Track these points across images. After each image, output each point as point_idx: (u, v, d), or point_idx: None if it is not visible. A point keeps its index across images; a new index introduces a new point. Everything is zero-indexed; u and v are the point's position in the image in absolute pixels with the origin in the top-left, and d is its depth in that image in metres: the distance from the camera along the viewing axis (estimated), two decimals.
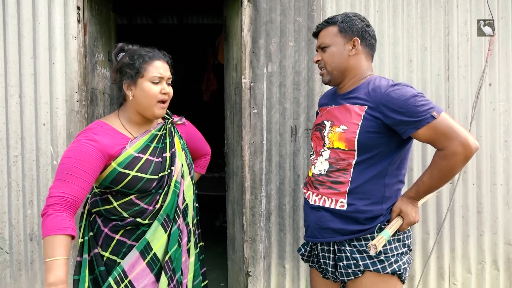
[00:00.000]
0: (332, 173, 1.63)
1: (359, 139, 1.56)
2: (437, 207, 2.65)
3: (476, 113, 2.65)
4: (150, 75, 1.59)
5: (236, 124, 2.71)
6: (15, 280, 2.37)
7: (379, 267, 1.57)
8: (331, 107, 1.72)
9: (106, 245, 1.61)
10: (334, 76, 1.69)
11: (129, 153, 1.57)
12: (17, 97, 2.35)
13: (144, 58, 1.61)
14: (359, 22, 1.66)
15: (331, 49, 1.67)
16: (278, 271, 2.56)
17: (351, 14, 1.69)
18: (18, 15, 2.34)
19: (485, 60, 2.65)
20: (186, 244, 1.72)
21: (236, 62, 2.72)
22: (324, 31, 1.69)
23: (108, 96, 2.82)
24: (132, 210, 1.59)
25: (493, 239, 2.68)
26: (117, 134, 1.60)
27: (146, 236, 1.60)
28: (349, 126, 1.59)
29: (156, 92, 1.60)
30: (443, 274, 2.67)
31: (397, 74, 2.61)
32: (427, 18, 2.63)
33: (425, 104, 1.50)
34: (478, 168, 2.66)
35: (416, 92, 1.53)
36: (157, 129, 1.70)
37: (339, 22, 1.66)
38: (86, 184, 1.47)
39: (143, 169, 1.57)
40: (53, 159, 2.37)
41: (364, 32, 1.66)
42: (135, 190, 1.57)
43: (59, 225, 1.40)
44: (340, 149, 1.60)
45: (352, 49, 1.65)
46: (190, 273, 1.74)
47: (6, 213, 2.35)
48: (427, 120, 1.48)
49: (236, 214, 2.77)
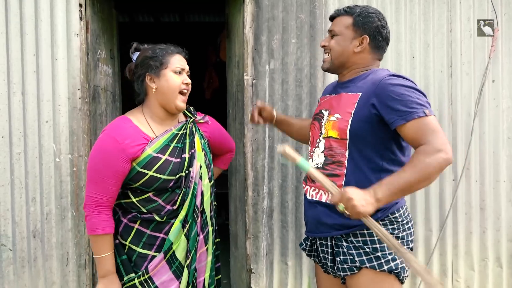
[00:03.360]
0: (328, 165, 1.61)
1: (351, 128, 1.54)
2: (440, 204, 2.65)
3: (479, 109, 2.64)
4: (173, 66, 1.67)
5: (238, 122, 2.71)
6: (19, 277, 2.38)
7: (375, 263, 1.54)
8: (330, 96, 1.72)
9: (126, 234, 1.65)
10: (334, 66, 1.68)
11: (148, 153, 1.61)
12: (19, 95, 2.35)
13: (167, 50, 1.69)
14: (375, 21, 1.62)
15: (339, 39, 1.65)
16: (281, 268, 2.56)
17: (371, 10, 1.65)
18: (20, 12, 2.34)
19: (488, 57, 2.64)
20: (204, 244, 1.74)
21: (238, 59, 2.71)
22: (339, 19, 1.67)
23: (110, 94, 2.82)
24: (150, 206, 1.63)
25: (496, 236, 2.67)
26: (138, 133, 1.63)
27: (169, 237, 1.64)
28: (342, 114, 1.58)
29: (179, 82, 1.67)
30: (446, 271, 2.66)
31: (399, 70, 2.60)
32: (430, 14, 2.62)
33: (420, 100, 1.47)
34: (481, 165, 2.66)
35: (416, 87, 1.52)
36: (178, 128, 1.71)
37: (356, 15, 1.63)
38: (113, 182, 1.57)
39: (161, 169, 1.60)
40: (55, 156, 2.38)
41: (376, 32, 1.63)
42: (152, 188, 1.61)
43: (96, 225, 1.58)
44: (332, 137, 1.59)
45: (358, 46, 1.63)
46: (207, 272, 1.76)
47: (9, 210, 2.35)
48: (418, 114, 1.43)
49: (238, 211, 2.77)
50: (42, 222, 2.38)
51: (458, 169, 2.64)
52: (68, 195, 2.39)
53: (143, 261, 1.63)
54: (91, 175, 1.59)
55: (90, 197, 1.58)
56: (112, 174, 1.56)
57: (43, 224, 2.38)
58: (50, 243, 2.39)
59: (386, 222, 1.57)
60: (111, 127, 1.64)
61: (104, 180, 1.56)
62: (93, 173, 1.58)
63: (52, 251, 2.39)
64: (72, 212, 2.40)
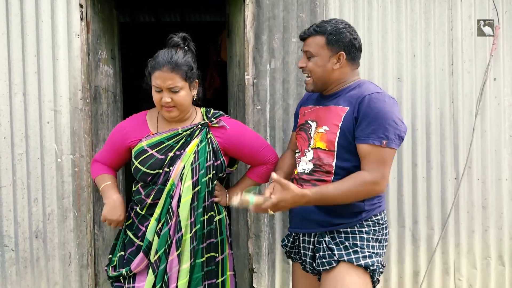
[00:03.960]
0: (316, 172, 1.67)
1: (339, 141, 1.61)
2: (441, 203, 2.64)
3: (480, 108, 2.64)
4: (153, 83, 1.70)
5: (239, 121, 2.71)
6: (21, 278, 2.39)
7: (353, 257, 1.60)
8: (316, 107, 1.75)
9: (127, 219, 1.83)
10: (318, 86, 1.71)
11: (141, 145, 1.74)
12: (21, 95, 2.35)
13: (152, 64, 1.70)
14: (347, 35, 1.65)
15: (316, 60, 1.67)
16: (283, 268, 2.56)
17: (341, 25, 1.66)
18: (21, 13, 2.34)
19: (490, 55, 2.63)
20: (176, 249, 1.70)
21: (239, 58, 2.71)
22: (311, 39, 1.68)
23: (111, 94, 2.82)
24: (137, 197, 1.78)
25: (499, 235, 2.67)
26: (144, 126, 1.79)
27: (147, 236, 1.70)
28: (330, 127, 1.63)
29: (157, 99, 1.70)
30: (448, 269, 2.66)
31: (400, 69, 2.60)
32: (431, 13, 2.61)
33: (387, 130, 1.54)
34: (483, 163, 2.65)
35: (393, 114, 1.57)
36: (185, 129, 1.75)
37: (328, 34, 1.64)
38: (110, 154, 1.86)
39: (143, 162, 1.72)
40: (57, 157, 2.38)
41: (350, 46, 1.66)
42: (137, 178, 1.77)
43: (92, 171, 1.92)
44: (320, 148, 1.64)
45: (337, 63, 1.66)
46: (182, 279, 1.70)
47: (11, 210, 2.36)
48: (374, 141, 1.54)
49: (240, 211, 2.77)
50: (44, 222, 2.39)
51: (460, 167, 2.64)
52: (70, 196, 2.39)
53: (131, 246, 1.77)
54: (106, 140, 1.91)
55: (94, 158, 1.94)
56: (111, 149, 1.85)
57: (45, 225, 2.39)
58: (52, 243, 2.39)
59: (369, 223, 1.65)
60: (131, 116, 1.88)
61: (106, 150, 1.88)
62: (107, 140, 1.91)
63: (54, 251, 2.40)
64: (74, 213, 2.40)
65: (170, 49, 1.71)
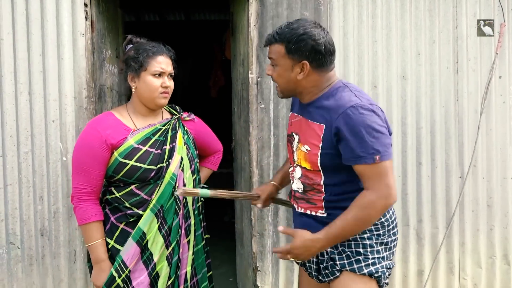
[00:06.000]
0: (307, 192, 1.63)
1: (322, 161, 1.54)
2: (446, 201, 2.63)
3: (485, 106, 2.62)
4: (152, 69, 1.68)
5: (243, 120, 2.71)
6: (27, 275, 2.41)
7: (355, 267, 1.54)
8: (298, 117, 1.66)
9: (111, 233, 1.69)
10: (285, 95, 1.63)
11: (129, 144, 1.67)
12: (26, 94, 2.37)
13: (148, 52, 1.69)
14: (308, 42, 1.49)
15: (279, 69, 1.56)
16: (287, 266, 2.57)
17: (301, 30, 1.49)
18: (26, 12, 2.35)
19: (495, 52, 2.62)
20: (186, 236, 1.77)
21: (243, 57, 2.71)
22: (273, 47, 1.55)
23: (116, 93, 2.83)
24: (133, 199, 1.68)
25: (504, 234, 2.65)
26: (120, 125, 1.70)
27: (139, 225, 1.66)
28: (311, 147, 1.56)
29: (157, 85, 1.68)
30: (453, 268, 2.65)
31: (405, 67, 2.59)
32: (435, 11, 2.60)
33: (375, 144, 1.44)
34: (488, 162, 2.64)
35: (376, 124, 1.45)
36: (162, 124, 1.76)
37: (286, 42, 1.50)
38: (97, 173, 1.65)
39: (141, 159, 1.66)
40: (62, 155, 2.40)
41: (314, 53, 1.50)
42: (134, 179, 1.66)
43: (85, 215, 1.63)
44: (306, 168, 1.60)
45: (300, 73, 1.53)
46: (189, 266, 1.79)
47: (17, 208, 2.38)
48: (366, 161, 1.44)
49: (244, 209, 2.78)
50: (49, 220, 2.40)
51: (464, 166, 2.62)
52: None
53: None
54: (76, 166, 1.66)
55: (76, 188, 1.65)
56: (95, 164, 1.63)
57: (51, 223, 2.40)
58: (58, 241, 2.41)
59: (371, 228, 1.56)
60: (94, 120, 1.75)
61: (89, 171, 1.63)
62: (77, 164, 1.65)
63: (59, 249, 2.42)
64: None
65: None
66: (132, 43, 1.78)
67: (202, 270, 1.86)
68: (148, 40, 1.78)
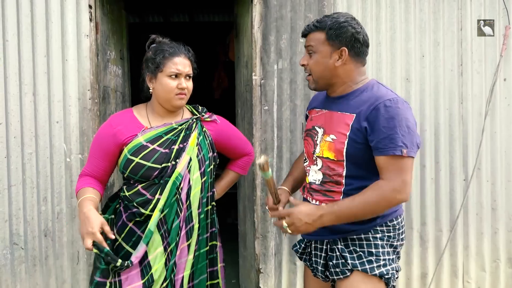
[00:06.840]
0: (326, 183, 1.62)
1: (348, 150, 1.54)
2: (450, 204, 2.62)
3: (490, 108, 2.61)
4: (168, 70, 1.69)
5: (247, 121, 2.71)
6: (30, 276, 2.41)
7: (367, 267, 1.54)
8: (322, 111, 1.68)
9: (122, 231, 1.73)
10: (319, 85, 1.64)
11: (138, 141, 1.69)
12: (31, 95, 2.38)
13: (165, 53, 1.70)
14: (349, 30, 1.55)
15: (317, 57, 1.59)
16: (289, 268, 2.56)
17: (342, 19, 1.57)
18: (31, 14, 2.36)
19: (500, 55, 2.61)
20: (186, 240, 1.73)
21: (246, 59, 2.72)
22: (312, 35, 1.60)
23: (120, 94, 2.84)
24: (139, 199, 1.70)
25: (508, 237, 2.64)
26: (134, 122, 1.74)
27: (150, 227, 1.66)
28: (338, 136, 1.57)
29: (173, 86, 1.69)
30: (457, 272, 2.64)
31: (409, 70, 2.58)
32: (440, 13, 2.59)
33: (405, 138, 1.47)
34: (492, 165, 2.63)
35: (408, 121, 1.49)
36: (179, 124, 1.76)
37: (327, 29, 1.56)
38: (99, 162, 1.72)
39: (146, 157, 1.67)
40: (66, 156, 2.40)
41: (353, 40, 1.56)
42: (138, 176, 1.68)
43: (79, 185, 1.73)
44: (329, 159, 1.59)
45: (339, 59, 1.57)
46: (187, 270, 1.74)
47: (21, 209, 2.38)
48: (395, 152, 1.47)
49: (247, 211, 2.78)
50: (53, 221, 2.41)
51: (469, 169, 2.61)
52: None
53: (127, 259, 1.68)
54: (89, 154, 1.78)
55: (83, 171, 1.77)
56: (100, 155, 1.72)
57: (54, 223, 2.41)
58: (61, 242, 2.42)
59: (383, 229, 1.58)
60: (113, 115, 1.82)
61: (94, 159, 1.74)
62: (90, 151, 1.79)
63: (63, 249, 2.42)
64: None
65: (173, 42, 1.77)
66: (154, 43, 1.78)
67: (201, 277, 1.79)
68: (171, 41, 1.78)
